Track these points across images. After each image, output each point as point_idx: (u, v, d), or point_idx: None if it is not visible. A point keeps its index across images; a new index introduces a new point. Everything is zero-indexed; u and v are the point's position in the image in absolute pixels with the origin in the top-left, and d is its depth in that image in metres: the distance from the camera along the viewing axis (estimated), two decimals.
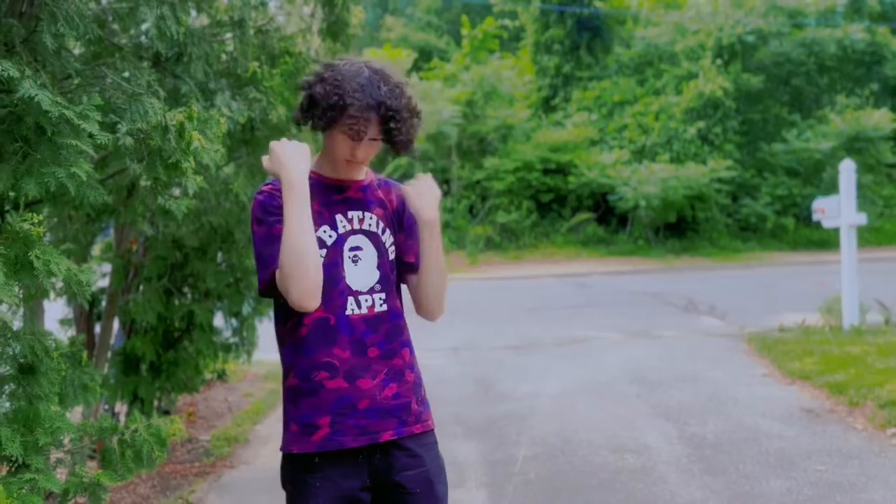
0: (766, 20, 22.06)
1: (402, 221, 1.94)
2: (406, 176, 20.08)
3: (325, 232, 1.83)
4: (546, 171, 20.84)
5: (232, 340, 5.24)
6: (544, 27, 23.21)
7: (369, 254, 1.86)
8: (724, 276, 15.73)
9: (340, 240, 1.84)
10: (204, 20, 3.53)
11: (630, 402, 5.60)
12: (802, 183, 21.39)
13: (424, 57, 25.37)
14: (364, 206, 1.89)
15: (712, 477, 3.99)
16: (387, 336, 1.83)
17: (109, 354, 4.57)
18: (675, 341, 8.06)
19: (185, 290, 4.76)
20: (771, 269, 16.90)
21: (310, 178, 1.82)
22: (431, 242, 1.88)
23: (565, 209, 21.26)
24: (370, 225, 1.88)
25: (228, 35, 3.34)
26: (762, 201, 21.01)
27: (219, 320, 5.09)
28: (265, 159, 1.82)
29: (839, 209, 8.12)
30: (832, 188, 13.37)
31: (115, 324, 4.60)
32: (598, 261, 18.87)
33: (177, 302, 4.64)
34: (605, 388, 6.07)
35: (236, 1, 3.18)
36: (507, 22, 24.88)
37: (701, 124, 20.71)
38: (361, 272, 1.84)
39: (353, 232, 1.86)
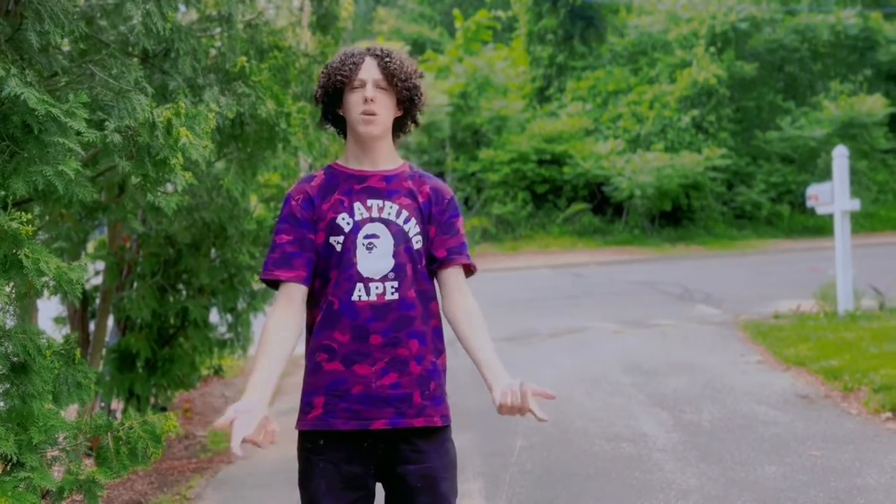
0: (759, 7, 22.02)
1: (431, 214, 1.92)
2: None
3: (343, 219, 1.86)
4: (541, 162, 20.82)
5: (227, 336, 5.25)
6: (537, 17, 23.15)
7: (385, 242, 1.85)
8: (719, 264, 15.76)
9: (356, 227, 1.86)
10: (193, 15, 3.52)
11: (626, 391, 5.62)
12: (797, 170, 21.40)
13: (417, 49, 25.26)
14: (386, 195, 1.89)
15: (708, 464, 4.01)
16: (394, 325, 1.81)
17: (104, 352, 4.57)
18: (670, 330, 8.07)
19: (180, 286, 4.76)
20: (766, 256, 16.93)
21: (333, 170, 1.91)
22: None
23: (561, 200, 21.24)
24: (389, 214, 1.87)
25: (218, 30, 3.34)
26: (757, 189, 21.03)
27: (214, 316, 5.09)
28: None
29: (832, 195, 8.14)
30: (826, 175, 13.39)
31: (110, 321, 4.60)
32: (594, 251, 18.88)
33: (171, 298, 4.64)
34: (600, 377, 6.09)
35: None
36: (499, 13, 24.81)
37: (695, 112, 20.70)
38: (375, 260, 1.84)
39: (371, 220, 1.86)
